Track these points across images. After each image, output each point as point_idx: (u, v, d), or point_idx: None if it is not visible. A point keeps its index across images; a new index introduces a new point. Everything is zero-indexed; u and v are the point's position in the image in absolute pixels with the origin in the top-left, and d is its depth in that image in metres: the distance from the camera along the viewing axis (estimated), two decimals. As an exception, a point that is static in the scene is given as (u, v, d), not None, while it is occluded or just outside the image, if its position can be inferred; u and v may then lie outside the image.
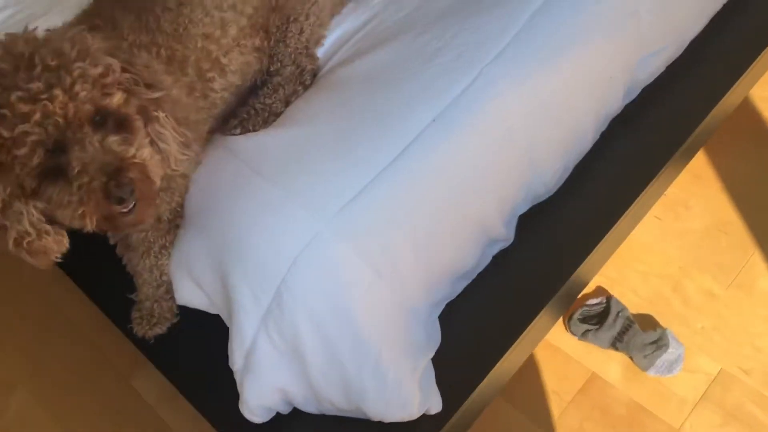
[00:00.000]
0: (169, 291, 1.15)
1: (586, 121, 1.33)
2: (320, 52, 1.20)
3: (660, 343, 1.40)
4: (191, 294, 1.12)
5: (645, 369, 1.41)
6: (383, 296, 1.10)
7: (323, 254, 1.01)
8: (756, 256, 1.56)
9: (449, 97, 1.08)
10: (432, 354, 1.21)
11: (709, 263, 1.57)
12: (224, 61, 1.03)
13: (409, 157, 1.06)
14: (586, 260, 1.40)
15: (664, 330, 1.42)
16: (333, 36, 1.21)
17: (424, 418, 1.19)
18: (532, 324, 1.33)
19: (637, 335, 1.42)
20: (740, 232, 1.60)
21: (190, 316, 1.22)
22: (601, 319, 1.47)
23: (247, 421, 1.16)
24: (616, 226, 1.44)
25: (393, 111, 1.07)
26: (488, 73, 1.11)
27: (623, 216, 1.45)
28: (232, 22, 1.04)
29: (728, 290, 1.52)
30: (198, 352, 1.26)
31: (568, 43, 1.20)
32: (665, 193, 1.64)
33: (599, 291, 1.56)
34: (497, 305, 1.33)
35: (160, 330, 1.22)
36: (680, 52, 1.52)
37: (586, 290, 1.55)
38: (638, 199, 1.47)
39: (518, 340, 1.32)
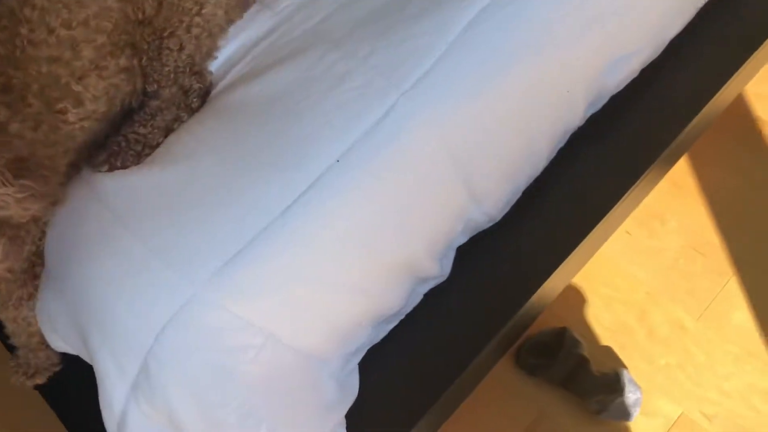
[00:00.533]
0: (44, 341, 1.02)
1: (537, 141, 1.16)
2: (214, 66, 1.03)
3: (614, 387, 1.27)
4: (64, 346, 0.99)
5: (597, 413, 1.28)
6: (280, 358, 0.96)
7: (200, 320, 0.87)
8: (732, 282, 1.40)
9: (357, 132, 0.92)
10: (346, 409, 1.08)
11: (681, 289, 1.41)
12: (78, 88, 0.87)
13: (307, 203, 0.90)
14: (538, 291, 1.26)
15: (620, 372, 1.28)
16: (232, 46, 1.03)
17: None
18: (471, 365, 1.20)
19: (590, 377, 1.28)
20: (718, 254, 1.44)
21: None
22: (552, 353, 1.33)
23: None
24: (574, 252, 1.28)
25: (290, 149, 0.91)
26: (407, 102, 0.94)
27: (584, 241, 1.29)
28: (84, 42, 0.87)
29: (698, 322, 1.37)
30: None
31: (511, 58, 1.01)
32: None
33: (555, 317, 1.41)
34: (431, 346, 1.20)
35: (39, 380, 1.09)
36: (658, 52, 1.32)
37: (541, 316, 1.41)
38: (603, 220, 1.31)
39: (454, 384, 1.19)
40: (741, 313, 1.36)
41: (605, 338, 1.38)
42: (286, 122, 0.91)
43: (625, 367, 1.31)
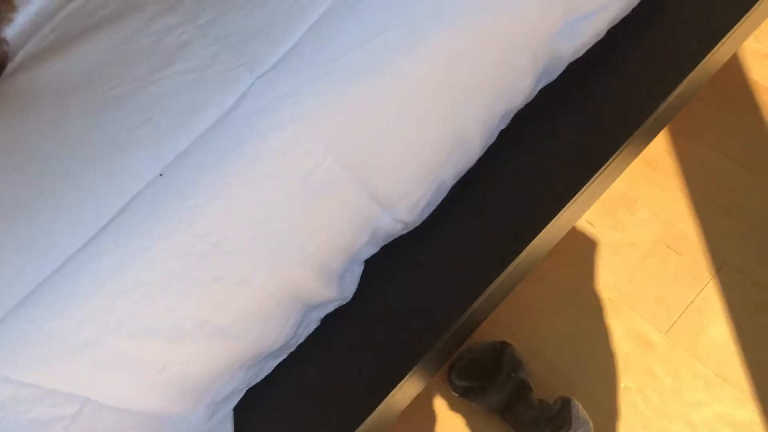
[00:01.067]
0: None
1: (463, 128, 0.90)
2: (10, 34, 0.75)
3: (560, 420, 1.05)
4: None
5: (538, 450, 1.07)
6: (107, 424, 0.73)
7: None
8: (710, 288, 1.17)
9: (194, 132, 0.66)
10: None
11: (648, 295, 1.18)
12: None
13: (112, 233, 0.65)
14: (475, 302, 1.03)
15: (567, 403, 1.06)
16: (29, 10, 0.76)
17: None
18: (389, 396, 0.98)
19: (531, 408, 1.06)
20: (695, 253, 1.20)
21: None
22: (488, 375, 1.11)
23: None
24: (520, 255, 1.05)
25: (90, 164, 0.65)
26: (264, 89, 0.68)
27: (534, 240, 1.06)
28: None
29: (667, 336, 1.15)
30: None
31: (419, 22, 0.74)
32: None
33: (497, 327, 1.19)
34: (334, 378, 0.97)
35: None
36: (630, 9, 1.05)
37: (482, 325, 1.18)
38: (558, 214, 1.07)
39: (367, 420, 0.97)
40: (717, 328, 1.14)
41: (554, 354, 1.16)
42: (87, 121, 0.65)
43: (571, 396, 1.09)
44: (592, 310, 1.19)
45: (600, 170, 1.12)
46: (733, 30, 1.20)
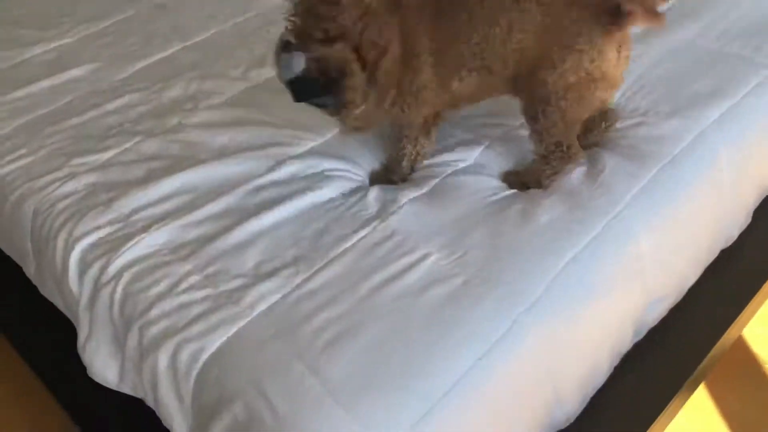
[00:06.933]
0: None
1: (601, 359, 1.51)
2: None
3: None
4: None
5: None
6: None
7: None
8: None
9: (491, 340, 1.28)
10: None
11: None
12: None
13: (457, 391, 1.23)
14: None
15: None
16: None
17: None
18: None
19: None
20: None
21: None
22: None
23: None
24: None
25: (447, 346, 1.25)
26: (522, 320, 1.31)
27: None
28: None
29: None
30: None
31: (592, 292, 1.41)
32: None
33: None
34: None
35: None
36: (680, 297, 1.74)
37: None
38: (651, 427, 1.62)
39: None
40: None
41: None
42: (446, 324, 1.28)
43: None
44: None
45: (667, 405, 1.69)
46: (740, 315, 1.87)
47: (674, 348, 1.75)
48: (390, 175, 1.64)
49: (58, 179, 1.71)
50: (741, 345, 2.01)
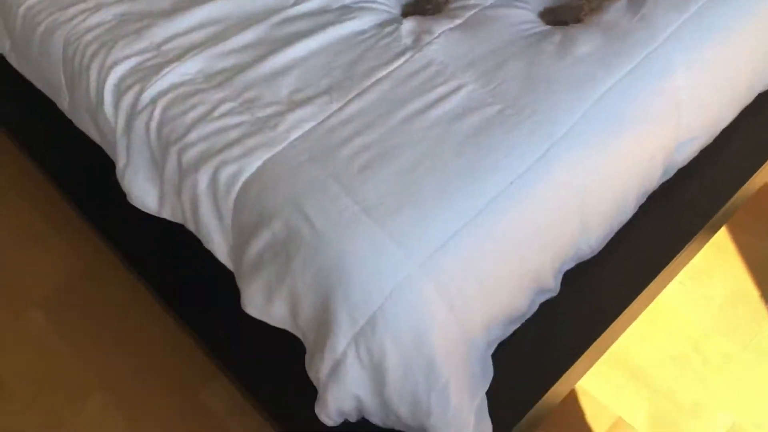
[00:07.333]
0: None
1: (629, 195, 1.54)
2: None
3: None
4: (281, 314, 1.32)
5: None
6: (453, 331, 1.28)
7: (412, 290, 1.21)
8: (770, 324, 1.75)
9: (523, 166, 1.29)
10: (486, 387, 1.39)
11: (729, 328, 1.75)
12: None
13: (487, 214, 1.26)
14: (621, 315, 1.59)
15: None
16: None
17: (475, 441, 1.36)
18: (573, 366, 1.51)
19: None
20: (756, 303, 1.79)
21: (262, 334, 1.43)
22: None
23: (314, 426, 1.35)
24: (647, 287, 1.63)
25: (479, 170, 1.27)
26: (555, 150, 1.32)
27: (654, 279, 1.64)
28: None
29: (745, 352, 1.70)
30: (268, 364, 1.48)
31: (625, 125, 1.41)
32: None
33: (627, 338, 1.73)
34: (542, 349, 1.52)
35: None
36: (712, 139, 1.73)
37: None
38: (668, 265, 1.67)
39: (560, 380, 1.50)
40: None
41: (668, 364, 1.70)
42: (479, 148, 1.30)
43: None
44: (691, 336, 1.74)
45: (688, 243, 1.73)
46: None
47: (700, 189, 1.77)
48: (424, 5, 1.59)
49: (86, 10, 1.69)
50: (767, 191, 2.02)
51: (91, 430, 1.72)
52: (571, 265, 1.55)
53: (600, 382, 1.69)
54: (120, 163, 1.56)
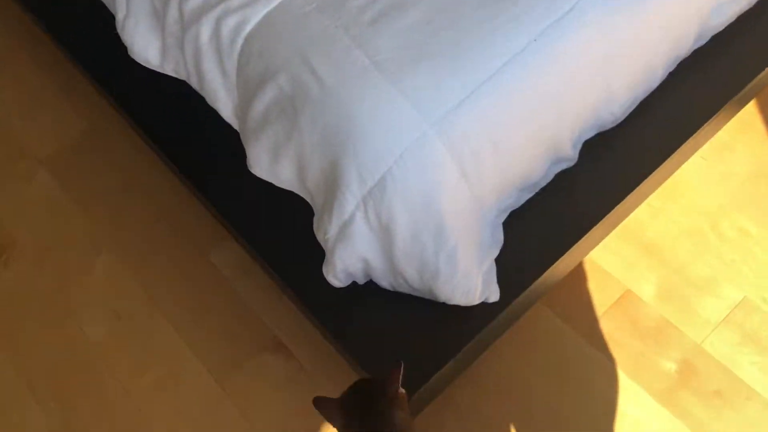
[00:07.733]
0: None
1: (658, 60, 1.45)
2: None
3: None
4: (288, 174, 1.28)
5: None
6: (464, 195, 1.25)
7: (425, 152, 1.16)
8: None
9: (547, 22, 1.20)
10: (496, 254, 1.37)
11: (748, 204, 1.70)
12: None
13: (507, 72, 1.19)
14: (638, 188, 1.54)
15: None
16: None
17: (481, 305, 1.36)
18: (585, 237, 1.48)
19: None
20: (779, 179, 1.73)
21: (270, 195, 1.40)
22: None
23: (321, 287, 1.35)
24: (668, 159, 1.57)
25: (500, 25, 1.19)
26: (583, 5, 1.22)
27: (676, 151, 1.58)
28: None
29: (761, 229, 1.67)
30: (275, 226, 1.46)
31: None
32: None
33: (648, 208, 1.69)
34: (555, 218, 1.48)
35: None
36: (751, 6, 1.61)
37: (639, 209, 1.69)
38: (692, 136, 1.60)
39: (570, 250, 1.47)
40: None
41: (681, 239, 1.67)
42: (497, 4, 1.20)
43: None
44: (709, 212, 1.69)
45: (713, 116, 1.64)
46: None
47: (731, 60, 1.67)
48: None
49: None
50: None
51: (101, 287, 1.74)
52: (591, 134, 1.49)
53: (611, 255, 1.67)
54: (119, 14, 1.48)
